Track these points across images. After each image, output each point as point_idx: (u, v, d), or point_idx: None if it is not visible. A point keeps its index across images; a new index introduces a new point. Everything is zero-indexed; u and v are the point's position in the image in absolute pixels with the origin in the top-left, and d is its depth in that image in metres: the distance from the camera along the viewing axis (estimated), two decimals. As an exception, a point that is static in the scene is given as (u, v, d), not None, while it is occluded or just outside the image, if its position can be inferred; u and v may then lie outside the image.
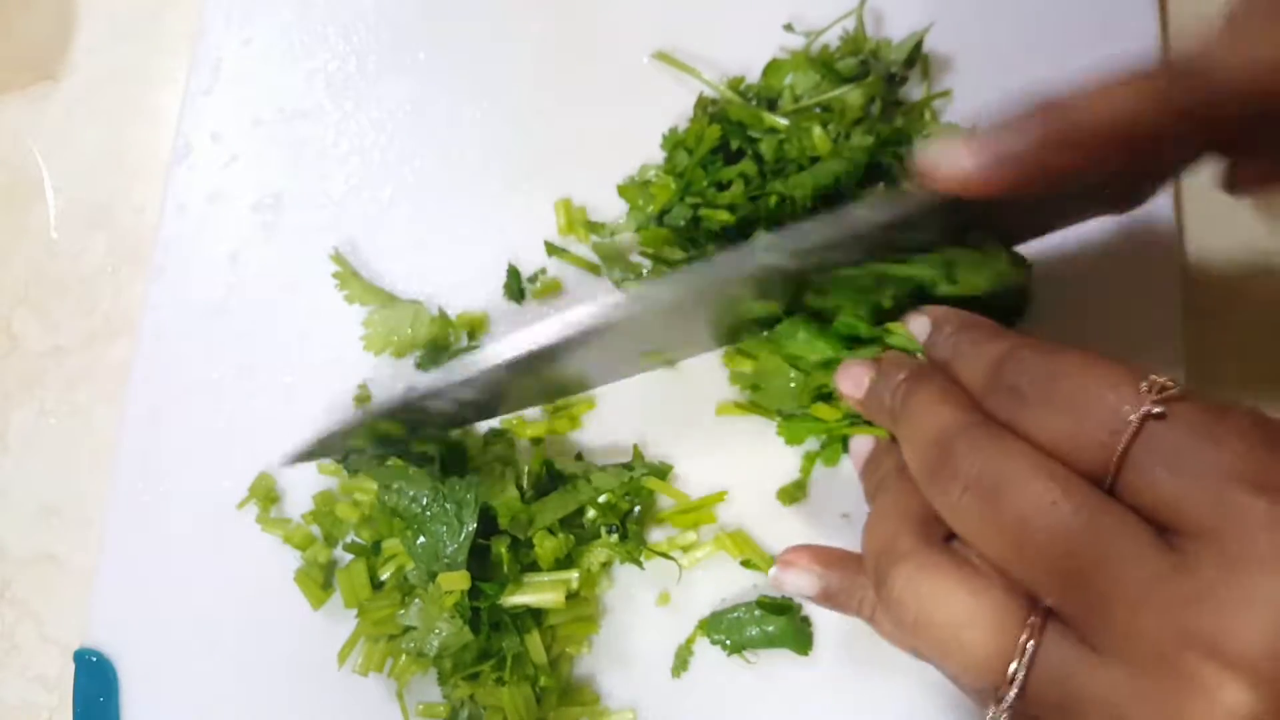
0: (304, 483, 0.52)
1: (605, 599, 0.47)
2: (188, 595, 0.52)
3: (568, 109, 0.55)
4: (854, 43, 0.50)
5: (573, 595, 0.45)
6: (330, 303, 0.53)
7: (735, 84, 0.51)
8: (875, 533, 0.33)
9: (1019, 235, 0.41)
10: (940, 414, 0.32)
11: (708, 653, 0.45)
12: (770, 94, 0.49)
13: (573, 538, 0.45)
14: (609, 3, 0.56)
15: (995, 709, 0.27)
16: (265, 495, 0.52)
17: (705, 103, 0.51)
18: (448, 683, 0.45)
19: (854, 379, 0.38)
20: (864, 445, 0.40)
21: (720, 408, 0.48)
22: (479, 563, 0.44)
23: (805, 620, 0.45)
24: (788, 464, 0.47)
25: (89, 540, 0.56)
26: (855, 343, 0.41)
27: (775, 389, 0.45)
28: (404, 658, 0.45)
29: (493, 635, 0.44)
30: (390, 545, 0.47)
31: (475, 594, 0.44)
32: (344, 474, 0.51)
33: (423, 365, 0.52)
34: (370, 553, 0.48)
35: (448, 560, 0.44)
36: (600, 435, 0.49)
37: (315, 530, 0.51)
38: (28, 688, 0.56)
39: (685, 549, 0.46)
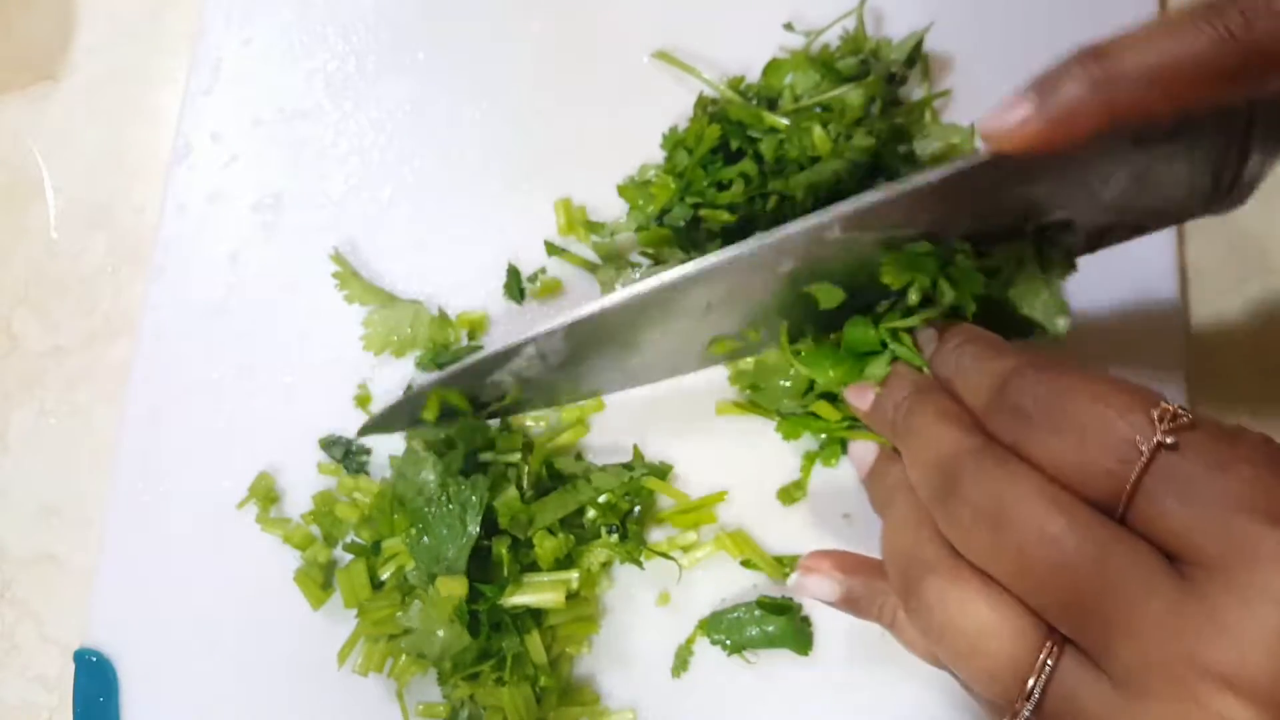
0: (304, 483, 0.52)
1: (605, 599, 0.47)
2: (188, 595, 0.52)
3: (568, 109, 0.55)
4: (854, 42, 0.50)
5: (573, 595, 0.45)
6: (330, 303, 0.53)
7: (735, 84, 0.51)
8: (896, 542, 0.33)
9: (1110, 235, 0.40)
10: (942, 435, 0.32)
11: (708, 653, 0.45)
12: (770, 94, 0.49)
13: (573, 538, 0.45)
14: (609, 3, 0.56)
15: None
16: (265, 495, 0.52)
17: (705, 102, 0.51)
18: (448, 683, 0.45)
19: (860, 392, 0.39)
20: (866, 452, 0.39)
21: (720, 407, 0.48)
22: (479, 563, 0.44)
23: (805, 620, 0.45)
24: (788, 464, 0.47)
25: (89, 540, 0.56)
26: (865, 356, 0.40)
27: (775, 389, 0.45)
28: (404, 658, 0.45)
29: (493, 635, 0.44)
30: (390, 545, 0.47)
31: (475, 596, 0.44)
32: (344, 474, 0.51)
33: (422, 365, 0.52)
34: (370, 553, 0.48)
35: (447, 563, 0.44)
36: (600, 435, 0.49)
37: (315, 530, 0.51)
38: (28, 688, 0.56)
39: (685, 549, 0.46)
